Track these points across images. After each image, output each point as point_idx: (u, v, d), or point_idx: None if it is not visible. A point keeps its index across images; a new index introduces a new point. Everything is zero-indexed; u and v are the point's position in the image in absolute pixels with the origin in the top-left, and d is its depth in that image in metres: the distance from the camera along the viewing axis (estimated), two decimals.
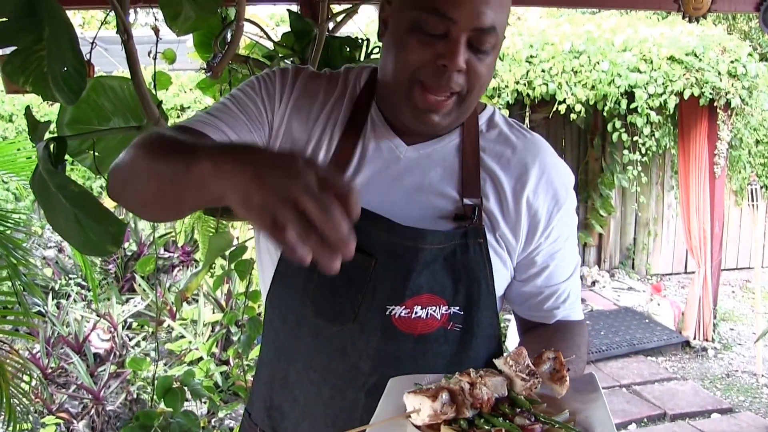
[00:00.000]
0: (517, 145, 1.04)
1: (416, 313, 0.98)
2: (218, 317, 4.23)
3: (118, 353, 4.19)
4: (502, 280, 1.04)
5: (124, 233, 1.30)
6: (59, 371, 4.00)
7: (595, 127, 6.66)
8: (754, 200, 5.51)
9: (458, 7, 0.89)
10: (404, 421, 0.81)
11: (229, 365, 3.86)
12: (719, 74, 5.28)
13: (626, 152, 6.06)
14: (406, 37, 0.93)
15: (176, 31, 1.59)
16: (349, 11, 1.97)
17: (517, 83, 5.35)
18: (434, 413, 0.78)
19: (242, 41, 1.94)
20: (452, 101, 0.95)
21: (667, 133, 6.00)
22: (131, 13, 1.65)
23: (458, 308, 0.99)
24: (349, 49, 1.92)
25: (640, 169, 6.14)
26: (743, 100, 5.33)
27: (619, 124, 5.79)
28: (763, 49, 8.04)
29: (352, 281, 0.97)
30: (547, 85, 5.35)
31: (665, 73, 5.38)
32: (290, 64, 1.87)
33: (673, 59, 5.41)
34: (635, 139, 5.86)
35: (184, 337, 4.23)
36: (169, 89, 3.41)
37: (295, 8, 2.12)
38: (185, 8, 1.55)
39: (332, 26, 1.96)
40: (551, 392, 0.87)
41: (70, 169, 5.52)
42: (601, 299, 6.28)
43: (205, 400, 3.30)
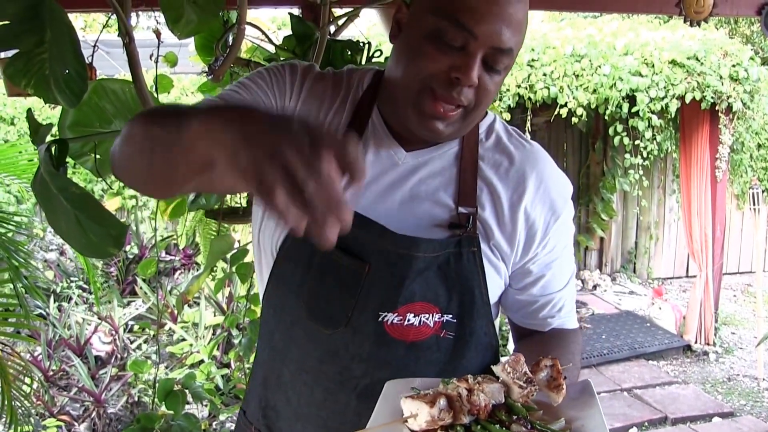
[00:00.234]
0: (515, 155, 1.04)
1: (409, 320, 0.97)
2: (219, 320, 4.23)
3: (119, 356, 4.20)
4: (496, 288, 1.04)
5: (125, 235, 1.30)
6: (60, 374, 4.01)
7: (596, 130, 6.66)
8: (755, 204, 5.49)
9: (481, 23, 0.88)
10: (401, 426, 0.80)
11: (230, 368, 3.87)
12: (721, 78, 5.27)
13: (628, 156, 6.04)
14: (422, 42, 0.92)
15: (178, 34, 1.59)
16: (350, 15, 1.97)
17: (518, 87, 5.35)
18: (431, 419, 0.78)
19: (244, 44, 1.95)
20: (458, 113, 0.94)
21: (668, 136, 6.00)
22: (133, 16, 1.65)
23: (451, 316, 0.99)
24: (350, 52, 1.92)
25: (641, 172, 6.12)
26: (745, 104, 5.32)
27: (620, 127, 5.78)
28: (764, 53, 8.03)
29: (345, 286, 0.97)
30: (548, 88, 5.34)
31: (667, 76, 5.38)
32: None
33: (674, 63, 5.41)
34: (637, 142, 5.85)
35: (185, 340, 4.23)
36: (170, 92, 3.40)
37: (296, 12, 2.12)
38: (187, 11, 1.55)
39: (334, 30, 1.97)
40: (548, 400, 0.87)
41: (71, 171, 5.54)
42: (602, 303, 6.28)
43: (206, 403, 3.30)
